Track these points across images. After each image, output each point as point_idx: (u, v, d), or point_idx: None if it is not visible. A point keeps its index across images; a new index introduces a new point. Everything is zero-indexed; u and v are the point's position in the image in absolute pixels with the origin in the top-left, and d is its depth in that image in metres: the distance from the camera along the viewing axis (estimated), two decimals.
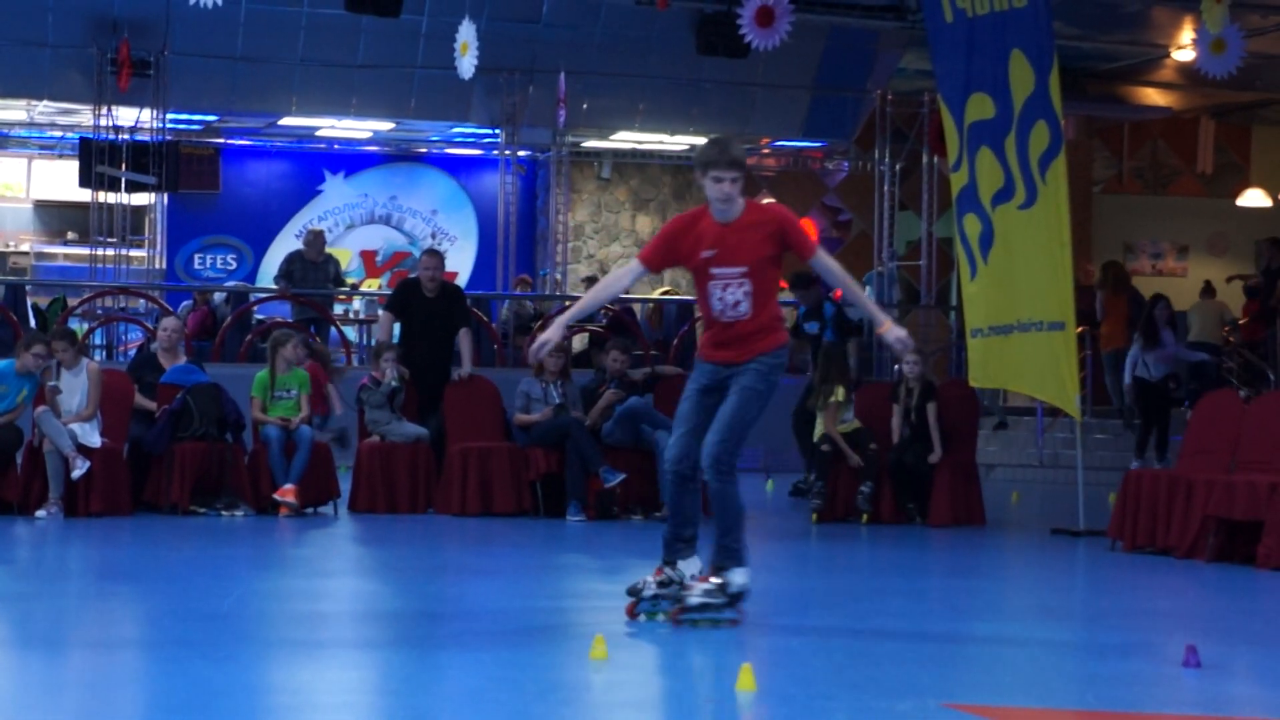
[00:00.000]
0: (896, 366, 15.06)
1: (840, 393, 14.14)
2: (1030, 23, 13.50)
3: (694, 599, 8.16)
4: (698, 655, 7.74)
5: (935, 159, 22.08)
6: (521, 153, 24.16)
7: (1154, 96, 24.02)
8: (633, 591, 8.33)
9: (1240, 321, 21.84)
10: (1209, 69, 16.05)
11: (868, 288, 23.48)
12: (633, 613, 8.29)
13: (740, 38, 17.02)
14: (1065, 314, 13.40)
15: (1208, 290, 22.24)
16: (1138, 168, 27.21)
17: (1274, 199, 26.03)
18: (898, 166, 23.48)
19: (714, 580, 8.19)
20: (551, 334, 8.33)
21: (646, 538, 13.09)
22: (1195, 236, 26.32)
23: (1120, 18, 19.80)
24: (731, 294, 8.19)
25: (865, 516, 13.98)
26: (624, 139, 24.11)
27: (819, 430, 14.26)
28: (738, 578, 8.20)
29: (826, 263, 8.52)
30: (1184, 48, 20.56)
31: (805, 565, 11.86)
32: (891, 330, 8.40)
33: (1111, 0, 18.71)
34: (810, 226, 26.45)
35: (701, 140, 23.70)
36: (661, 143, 24.31)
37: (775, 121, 23.30)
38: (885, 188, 23.36)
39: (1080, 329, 15.78)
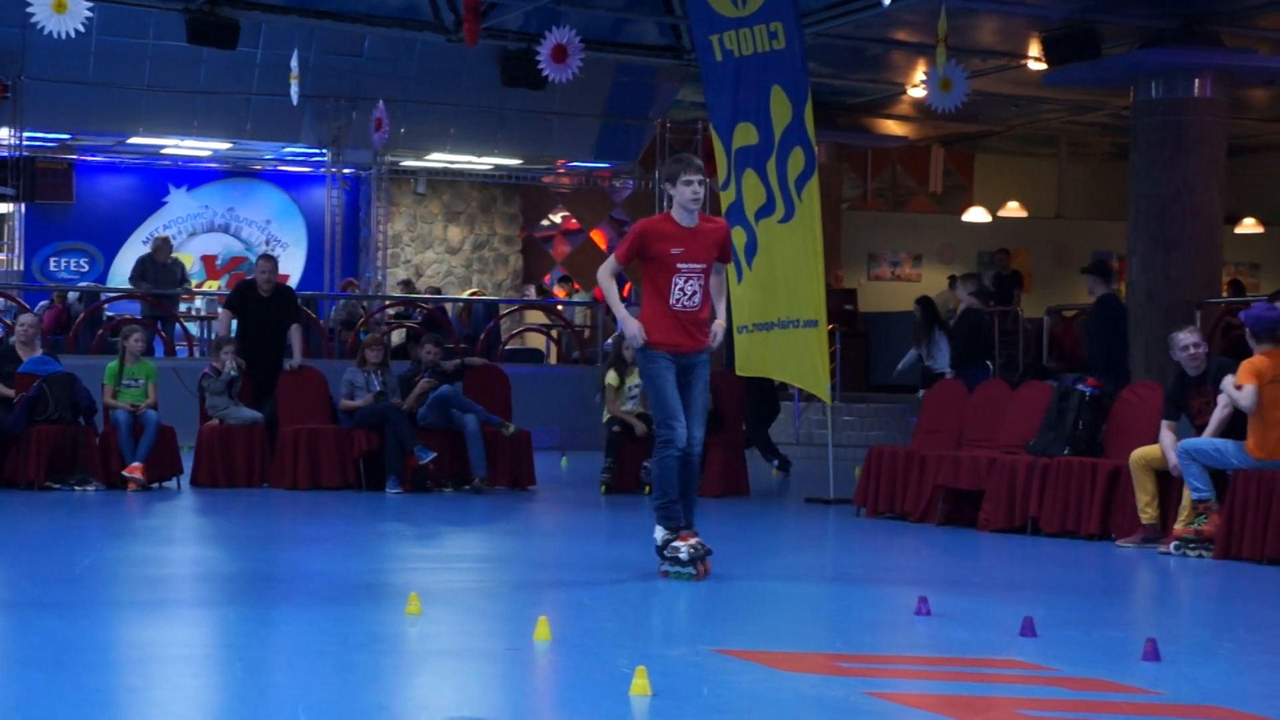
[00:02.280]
0: None
1: (612, 377, 14.35)
2: (788, 62, 13.65)
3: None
4: (501, 609, 7.73)
5: (707, 179, 22.19)
6: (346, 170, 23.93)
7: (893, 127, 24.39)
8: (674, 557, 8.53)
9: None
10: (938, 104, 16.35)
11: None
12: (666, 574, 8.55)
13: (539, 72, 16.99)
14: (818, 313, 13.58)
15: (952, 283, 22.65)
16: (879, 188, 27.64)
17: (993, 215, 26.60)
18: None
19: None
20: (631, 326, 8.53)
21: (457, 508, 13.07)
22: (927, 247, 26.79)
23: (864, 59, 20.09)
24: (690, 286, 8.49)
25: (647, 488, 14.06)
26: (437, 159, 23.95)
27: (606, 414, 14.36)
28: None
29: (720, 274, 8.83)
30: (917, 86, 20.91)
31: (596, 532, 11.89)
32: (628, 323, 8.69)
33: (857, 44, 18.96)
34: (600, 237, 26.51)
35: (506, 160, 23.85)
36: (470, 162, 24.19)
37: (569, 145, 23.31)
38: (663, 203, 23.47)
39: (830, 326, 15.96)
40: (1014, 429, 12.16)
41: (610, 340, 21.90)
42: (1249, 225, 26.11)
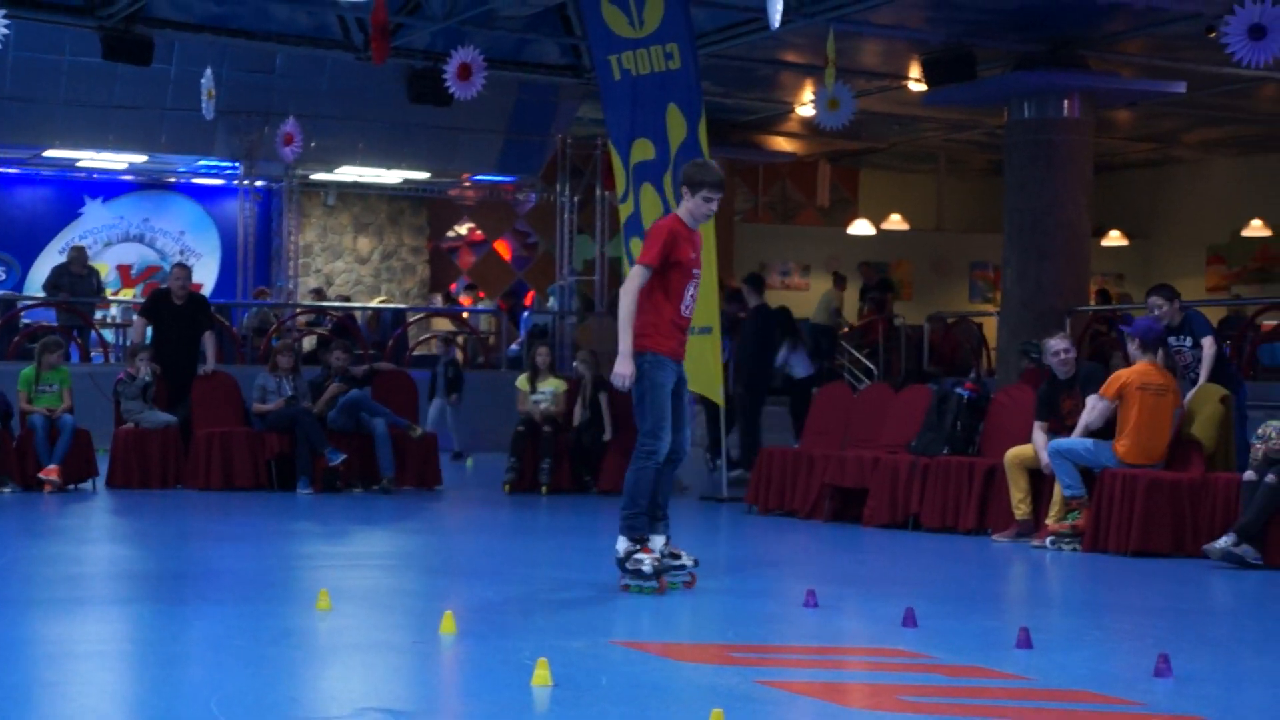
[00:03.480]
0: (575, 364, 15.17)
1: (522, 381, 14.41)
2: (683, 82, 13.69)
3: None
4: (408, 604, 7.69)
5: (606, 192, 22.25)
6: (259, 183, 23.65)
7: (783, 144, 24.49)
8: (636, 570, 7.86)
9: (856, 326, 22.49)
10: (826, 123, 16.47)
11: (551, 299, 23.59)
12: (665, 586, 7.90)
13: (444, 89, 16.90)
14: (712, 320, 13.63)
15: (838, 280, 22.91)
16: (770, 202, 27.76)
17: (877, 228, 26.79)
18: (576, 198, 23.60)
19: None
20: (627, 367, 7.68)
21: (365, 507, 12.97)
22: (815, 258, 26.93)
23: (756, 79, 20.16)
24: (694, 292, 7.94)
25: (545, 487, 14.08)
26: (346, 172, 23.75)
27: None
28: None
29: None
30: (806, 104, 21.04)
31: (500, 529, 11.84)
32: (619, 363, 7.87)
33: (748, 65, 19.03)
34: (504, 247, 26.45)
35: (413, 174, 23.71)
36: (378, 175, 24.01)
37: (474, 159, 23.21)
38: (565, 215, 23.47)
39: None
40: (896, 430, 12.26)
41: (516, 346, 21.92)
42: (1114, 238, 26.51)
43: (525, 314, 23.66)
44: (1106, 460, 10.37)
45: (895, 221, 27.22)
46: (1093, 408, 10.54)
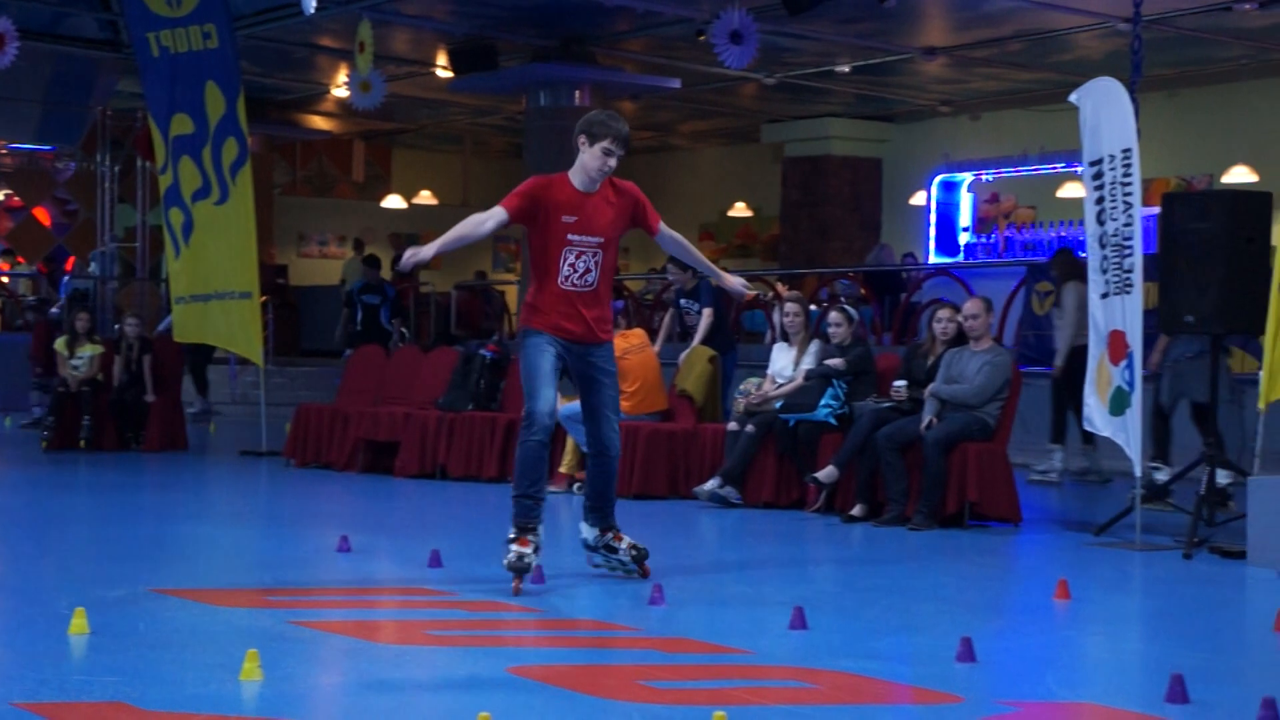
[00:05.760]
0: (117, 326, 14.51)
1: (60, 344, 13.75)
2: (222, 61, 13.36)
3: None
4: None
5: (146, 163, 21.31)
6: None
7: (319, 122, 24.09)
8: (516, 569, 6.36)
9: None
10: (359, 104, 16.29)
11: (93, 264, 22.45)
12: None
13: None
14: (251, 286, 13.37)
15: (358, 246, 22.90)
16: (308, 176, 27.26)
17: (409, 203, 26.75)
18: (116, 168, 22.52)
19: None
20: (427, 251, 6.23)
21: None
22: (351, 230, 26.62)
23: (292, 61, 19.71)
24: (584, 262, 6.45)
25: (84, 443, 13.43)
26: None
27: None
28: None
29: (670, 234, 6.85)
30: (340, 86, 20.73)
31: (38, 485, 11.16)
32: (727, 280, 7.07)
33: (285, 47, 18.59)
34: (43, 214, 24.99)
35: None
36: None
37: (12, 128, 21.80)
38: (106, 184, 22.34)
39: (264, 298, 15.61)
40: (426, 388, 12.31)
41: (56, 309, 20.74)
42: None
43: (65, 279, 22.45)
44: None
45: (425, 197, 27.27)
46: None
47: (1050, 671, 5.21)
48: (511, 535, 6.44)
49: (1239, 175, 17.94)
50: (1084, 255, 9.01)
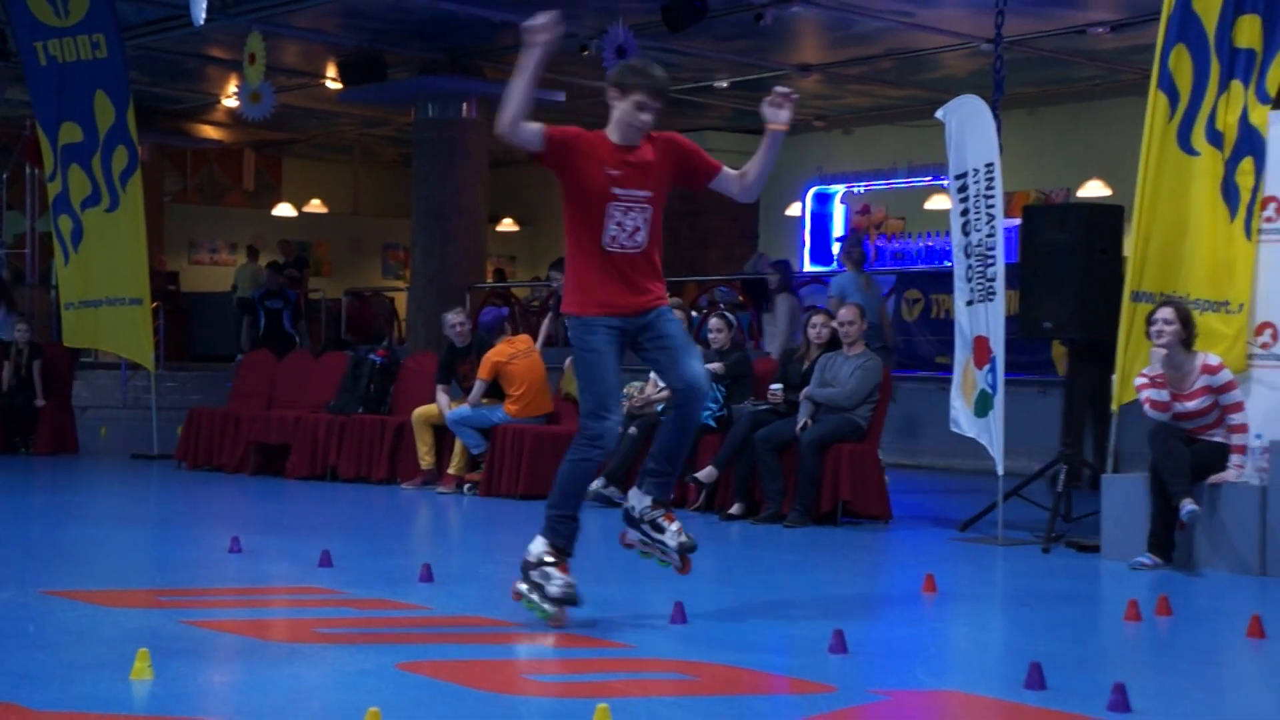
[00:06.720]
0: (14, 333, 14.17)
1: None
2: (111, 70, 13.19)
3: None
4: None
5: (35, 170, 20.84)
6: None
7: (210, 131, 23.73)
8: (538, 584, 5.62)
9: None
10: (249, 114, 16.11)
11: None
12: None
13: None
14: (142, 292, 13.22)
15: (252, 253, 22.50)
16: (199, 184, 26.85)
17: (299, 211, 26.47)
18: (4, 175, 22.00)
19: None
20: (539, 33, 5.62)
21: None
22: (241, 237, 26.26)
23: (183, 71, 19.40)
24: (632, 220, 5.48)
25: None
26: None
27: None
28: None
29: (729, 172, 5.78)
30: (231, 96, 20.45)
31: None
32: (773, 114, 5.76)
33: (175, 57, 18.29)
34: None
35: None
36: None
37: None
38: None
39: (155, 304, 15.37)
40: (317, 392, 12.20)
41: None
42: (507, 224, 27.28)
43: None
44: (499, 419, 10.69)
45: (316, 205, 27.00)
46: (477, 389, 10.80)
47: (918, 661, 5.30)
48: (550, 559, 5.55)
49: (1093, 189, 18.35)
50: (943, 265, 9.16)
